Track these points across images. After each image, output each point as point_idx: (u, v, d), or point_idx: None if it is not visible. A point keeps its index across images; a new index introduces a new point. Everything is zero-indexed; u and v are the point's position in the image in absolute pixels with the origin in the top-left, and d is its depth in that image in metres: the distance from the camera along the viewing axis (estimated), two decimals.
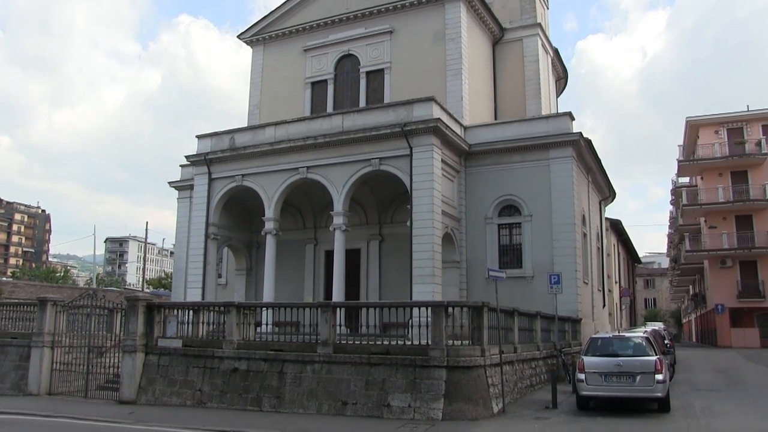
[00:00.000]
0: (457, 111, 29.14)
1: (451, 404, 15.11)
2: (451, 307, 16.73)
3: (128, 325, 20.18)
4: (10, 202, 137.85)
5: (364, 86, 33.52)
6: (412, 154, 25.06)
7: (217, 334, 19.32)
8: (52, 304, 22.96)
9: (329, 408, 16.43)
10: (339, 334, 17.55)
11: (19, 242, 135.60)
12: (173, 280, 38.85)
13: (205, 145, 30.24)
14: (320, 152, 27.04)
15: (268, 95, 36.37)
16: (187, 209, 34.17)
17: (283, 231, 29.20)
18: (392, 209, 29.99)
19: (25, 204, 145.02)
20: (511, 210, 27.81)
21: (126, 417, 16.47)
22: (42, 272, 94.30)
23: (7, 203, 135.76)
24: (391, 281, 28.85)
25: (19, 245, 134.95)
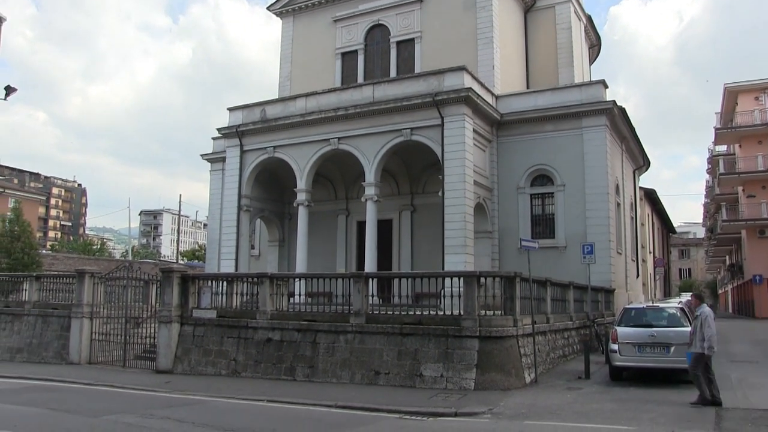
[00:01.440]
0: (489, 80, 28.83)
1: (484, 374, 15.16)
2: (484, 277, 16.69)
3: (163, 296, 20.52)
4: (47, 176, 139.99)
5: (395, 56, 33.28)
6: (444, 124, 24.90)
7: (251, 305, 19.55)
8: (89, 276, 23.41)
9: (362, 378, 16.58)
10: (371, 304, 17.66)
11: (57, 216, 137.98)
12: (207, 251, 39.28)
13: (236, 117, 30.37)
14: (351, 123, 27.00)
15: (298, 67, 36.31)
16: (219, 181, 34.43)
17: (315, 202, 29.32)
18: (424, 179, 29.91)
19: (62, 178, 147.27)
20: (544, 179, 27.58)
21: (163, 386, 16.80)
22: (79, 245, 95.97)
23: (45, 178, 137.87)
24: (423, 251, 28.88)
25: (57, 219, 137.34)
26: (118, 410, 13.11)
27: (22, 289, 26.68)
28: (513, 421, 11.68)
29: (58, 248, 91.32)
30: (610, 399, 13.80)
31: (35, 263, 42.84)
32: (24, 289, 26.36)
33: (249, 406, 13.88)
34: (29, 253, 43.40)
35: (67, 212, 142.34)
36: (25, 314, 25.20)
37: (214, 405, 14.05)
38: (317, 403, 13.79)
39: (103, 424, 11.66)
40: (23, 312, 25.29)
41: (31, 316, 24.95)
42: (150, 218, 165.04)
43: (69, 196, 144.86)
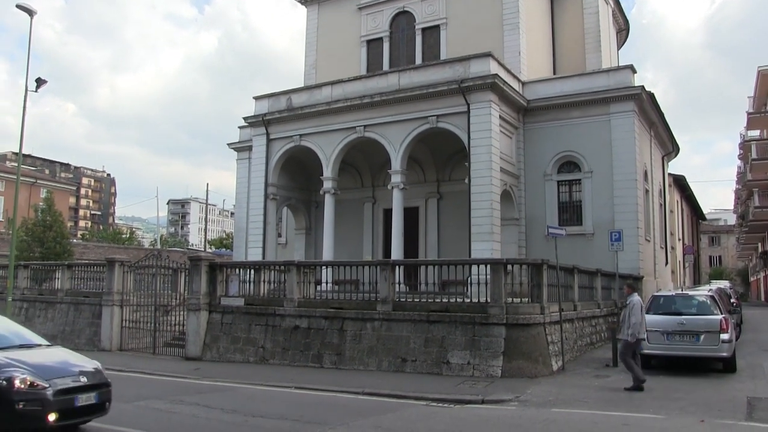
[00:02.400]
0: (515, 66, 28.59)
1: (510, 362, 15.14)
2: (510, 265, 16.65)
3: (192, 284, 20.74)
4: (77, 166, 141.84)
5: (420, 43, 33.12)
6: (470, 111, 24.79)
7: (278, 293, 19.68)
8: (119, 264, 23.73)
9: (389, 365, 16.64)
10: (398, 291, 17.67)
11: (87, 205, 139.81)
12: (234, 240, 39.60)
13: (262, 106, 30.49)
14: (377, 111, 26.98)
15: (323, 55, 36.31)
16: (246, 170, 34.63)
17: (341, 190, 29.38)
18: (450, 167, 29.82)
19: (91, 168, 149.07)
20: (571, 166, 27.36)
21: (192, 372, 17.02)
22: (109, 234, 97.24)
23: (75, 168, 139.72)
24: (450, 239, 28.84)
25: (87, 208, 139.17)
26: (149, 396, 13.32)
27: (55, 277, 27.18)
28: (540, 408, 11.66)
29: (89, 237, 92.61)
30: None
31: (67, 252, 43.47)
32: (57, 278, 26.85)
33: (277, 393, 14.02)
34: (61, 242, 44.04)
35: (97, 202, 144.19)
36: (58, 302, 25.68)
37: (243, 391, 14.21)
38: (344, 390, 13.88)
39: (133, 410, 11.85)
40: (56, 300, 25.77)
41: (64, 303, 25.40)
42: (178, 207, 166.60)
43: (98, 186, 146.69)
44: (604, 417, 10.81)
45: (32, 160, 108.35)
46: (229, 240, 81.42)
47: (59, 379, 8.92)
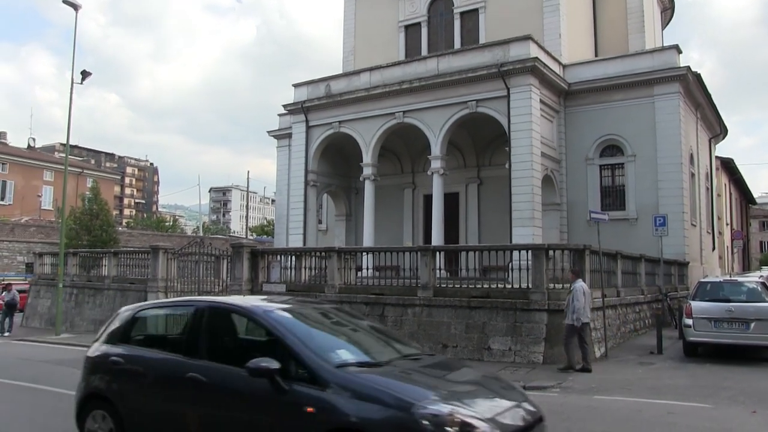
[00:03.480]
0: (555, 49, 28.15)
1: (552, 348, 15.01)
2: (552, 250, 16.49)
3: (234, 270, 20.98)
4: (121, 156, 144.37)
5: (459, 27, 32.81)
6: (510, 95, 24.52)
7: (319, 279, 19.79)
8: (163, 251, 24.12)
9: (430, 351, 16.62)
10: (439, 277, 17.65)
11: (132, 194, 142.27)
12: (275, 226, 39.95)
13: (301, 93, 30.59)
14: (416, 96, 26.86)
15: (361, 41, 36.23)
16: (286, 157, 34.85)
17: (381, 176, 29.38)
18: (490, 152, 29.61)
19: (135, 158, 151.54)
20: (614, 150, 26.92)
21: None
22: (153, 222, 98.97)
23: (119, 158, 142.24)
24: (490, 224, 28.66)
25: (131, 197, 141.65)
26: None
27: (101, 264, 27.81)
28: (582, 395, 11.55)
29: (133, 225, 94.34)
30: (684, 375, 13.47)
31: (112, 240, 44.41)
32: (103, 265, 27.47)
33: None
34: (107, 230, 45.01)
35: (141, 190, 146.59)
36: (105, 288, 26.25)
37: None
38: None
39: None
40: (103, 286, 26.35)
41: (111, 290, 25.95)
42: (219, 195, 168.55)
43: (142, 175, 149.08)
44: (648, 405, 10.64)
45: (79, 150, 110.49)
46: (270, 227, 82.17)
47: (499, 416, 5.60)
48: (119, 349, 7.33)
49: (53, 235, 47.35)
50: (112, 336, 7.67)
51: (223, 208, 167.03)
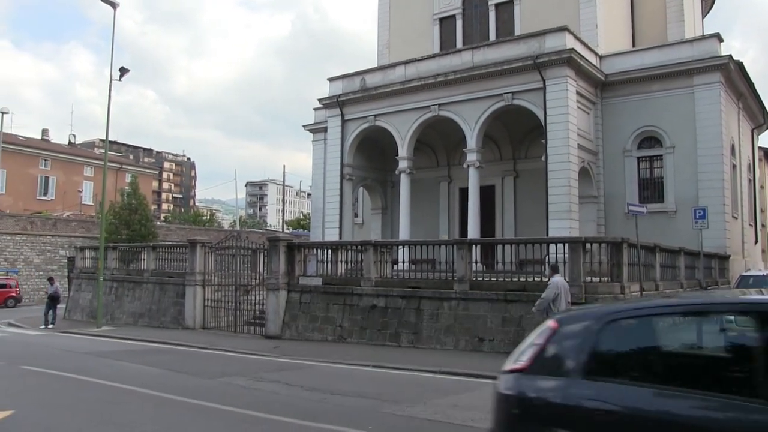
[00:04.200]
0: (592, 39, 27.81)
1: None
2: (589, 243, 16.37)
3: (271, 264, 21.18)
4: (159, 151, 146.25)
5: (494, 19, 32.58)
6: (546, 87, 24.31)
7: (355, 272, 19.90)
8: (201, 245, 24.46)
9: (466, 344, 16.65)
10: (475, 270, 17.64)
11: (169, 189, 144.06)
12: (311, 220, 40.21)
13: (336, 87, 30.69)
14: (451, 89, 26.77)
15: (396, 34, 36.18)
16: (322, 151, 35.00)
17: (416, 169, 29.35)
18: (526, 144, 29.40)
19: (172, 153, 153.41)
20: (652, 142, 26.54)
21: (272, 351, 17.42)
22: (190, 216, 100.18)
23: (157, 153, 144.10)
24: (527, 217, 28.49)
25: (169, 191, 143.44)
26: (231, 373, 13.74)
27: (141, 258, 28.29)
28: None
29: (171, 219, 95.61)
30: None
31: (151, 234, 45.13)
32: (143, 259, 27.94)
33: (355, 371, 14.22)
34: (145, 224, 45.78)
35: (178, 185, 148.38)
36: (144, 282, 26.70)
37: (321, 369, 14.47)
38: (422, 369, 13.96)
39: (217, 386, 12.25)
40: (143, 280, 26.80)
41: (150, 283, 26.39)
42: (256, 189, 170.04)
43: (179, 170, 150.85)
44: None
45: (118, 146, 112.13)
46: (307, 221, 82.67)
47: None
48: (591, 389, 4.32)
49: (94, 230, 48.28)
50: (554, 363, 4.69)
51: (260, 202, 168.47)
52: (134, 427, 8.79)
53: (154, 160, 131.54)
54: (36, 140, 69.49)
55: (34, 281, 47.71)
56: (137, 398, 10.94)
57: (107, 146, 29.18)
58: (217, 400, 10.53)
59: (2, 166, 52.43)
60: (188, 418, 9.46)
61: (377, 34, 37.24)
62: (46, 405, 10.53)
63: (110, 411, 10.05)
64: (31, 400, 10.82)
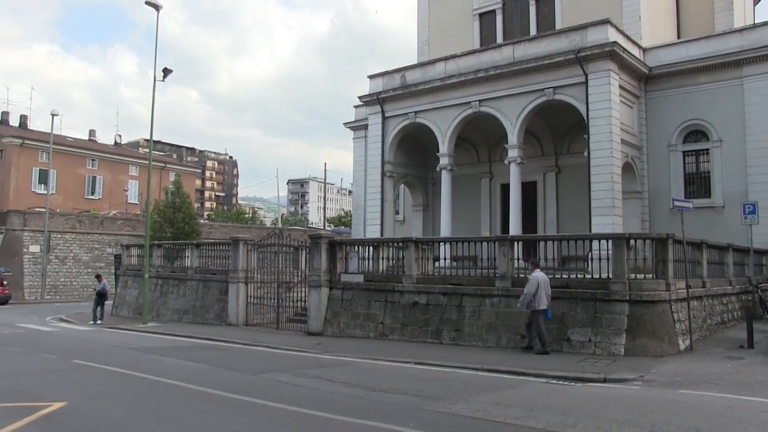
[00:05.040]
0: (635, 32, 27.32)
1: (634, 339, 14.69)
2: (633, 240, 16.11)
3: (312, 261, 21.31)
4: (202, 150, 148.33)
5: (534, 13, 32.24)
6: (588, 82, 23.98)
7: (397, 269, 19.92)
8: (243, 243, 24.72)
9: (508, 341, 16.55)
10: (517, 267, 17.52)
11: (212, 187, 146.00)
12: (352, 217, 40.32)
13: (376, 84, 30.71)
14: (492, 85, 26.58)
15: (436, 30, 36.07)
16: (362, 148, 35.09)
17: (457, 166, 29.23)
18: (568, 140, 29.05)
19: (214, 152, 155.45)
20: (698, 135, 25.99)
21: (314, 347, 17.54)
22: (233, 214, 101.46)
23: (200, 152, 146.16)
24: (569, 214, 28.17)
25: (212, 190, 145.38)
26: (274, 369, 13.87)
27: (185, 256, 28.71)
28: (666, 389, 11.25)
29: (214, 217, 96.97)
30: None
31: (195, 232, 45.80)
32: (186, 256, 28.35)
33: (396, 368, 14.24)
34: (189, 222, 46.47)
35: (221, 183, 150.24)
36: (188, 279, 27.10)
37: (363, 366, 14.52)
38: (463, 366, 13.93)
39: (260, 381, 12.39)
40: (187, 277, 27.21)
41: (194, 280, 26.78)
42: (297, 187, 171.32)
43: (222, 168, 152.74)
44: (738, 401, 10.26)
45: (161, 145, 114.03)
46: (348, 218, 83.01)
47: None
48: None
49: (139, 228, 49.21)
50: None
51: (301, 200, 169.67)
52: (179, 421, 8.95)
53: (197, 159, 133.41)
54: (83, 141, 71.00)
55: (82, 278, 48.86)
56: (182, 393, 11.12)
57: (151, 146, 29.68)
58: (260, 395, 10.64)
59: (53, 167, 53.70)
60: (232, 413, 9.57)
61: (417, 30, 37.17)
62: (96, 397, 10.80)
63: (156, 405, 10.23)
64: (82, 393, 11.12)
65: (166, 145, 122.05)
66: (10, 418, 8.91)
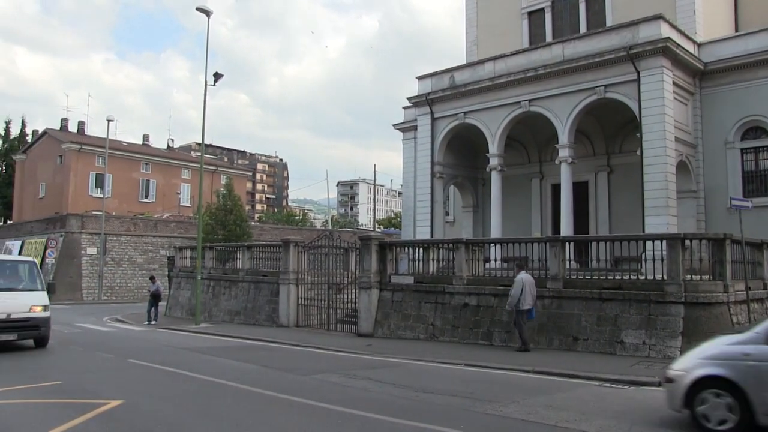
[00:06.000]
0: (689, 26, 26.67)
1: (690, 342, 14.31)
2: (689, 240, 15.75)
3: (363, 263, 21.38)
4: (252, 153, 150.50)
5: (584, 11, 31.76)
6: (640, 79, 23.50)
7: (447, 271, 19.86)
8: (294, 245, 24.95)
9: (560, 343, 16.35)
10: (568, 268, 17.35)
11: (263, 189, 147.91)
12: (402, 219, 40.31)
13: (425, 85, 30.65)
14: (541, 84, 26.28)
15: (484, 30, 35.84)
16: (412, 150, 35.05)
17: (507, 166, 28.97)
18: (620, 138, 28.52)
19: (265, 154, 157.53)
20: (757, 132, 25.22)
21: (364, 348, 17.59)
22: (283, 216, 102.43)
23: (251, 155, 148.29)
24: (621, 214, 27.68)
25: (262, 192, 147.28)
26: (324, 370, 13.95)
27: (236, 257, 29.11)
28: None
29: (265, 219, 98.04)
30: None
31: (246, 234, 46.32)
32: (238, 258, 28.75)
33: (447, 370, 14.19)
34: (240, 224, 47.03)
35: (271, 186, 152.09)
36: (240, 281, 27.46)
37: (413, 368, 14.51)
38: (514, 368, 13.81)
39: (311, 382, 12.47)
40: (238, 278, 27.57)
41: (245, 282, 27.11)
42: (347, 188, 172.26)
43: (272, 171, 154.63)
44: None
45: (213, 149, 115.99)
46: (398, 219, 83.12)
47: None
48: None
49: (191, 230, 50.02)
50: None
51: (351, 202, 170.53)
52: (232, 419, 9.07)
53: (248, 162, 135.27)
54: (138, 145, 72.60)
55: (137, 279, 49.90)
56: (234, 393, 11.27)
57: (203, 150, 30.20)
58: (310, 396, 10.72)
59: (108, 171, 55.02)
60: (282, 413, 9.66)
61: (465, 30, 36.98)
62: (152, 396, 11.04)
63: (209, 403, 10.39)
64: (138, 391, 11.37)
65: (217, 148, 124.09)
66: (72, 415, 9.19)
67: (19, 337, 17.01)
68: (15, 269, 18.65)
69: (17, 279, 18.15)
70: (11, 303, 16.66)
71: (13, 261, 20.38)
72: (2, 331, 16.40)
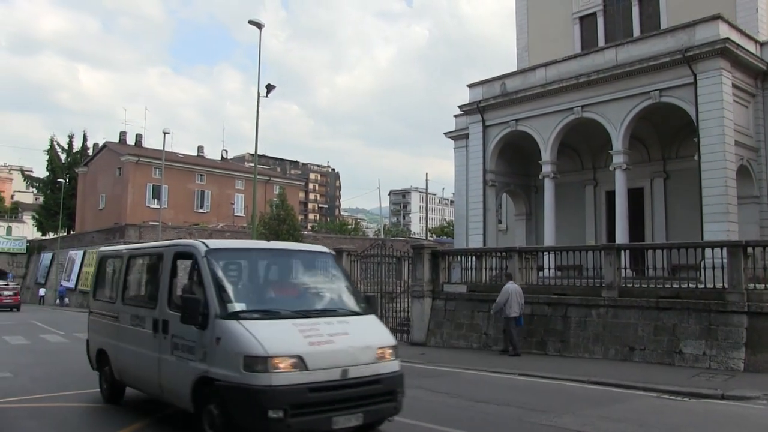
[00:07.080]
0: (751, 25, 25.90)
1: (755, 354, 13.88)
2: (751, 247, 15.25)
3: (415, 272, 21.36)
4: (305, 163, 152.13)
5: (637, 13, 31.22)
6: (697, 82, 22.92)
7: (500, 279, 19.67)
8: (347, 254, 25.07)
9: (616, 353, 16.02)
10: (624, 277, 17.01)
11: (315, 199, 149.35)
12: (454, 227, 40.18)
13: (476, 93, 30.51)
14: (594, 89, 25.88)
15: (535, 36, 35.53)
16: (463, 158, 34.91)
17: (560, 173, 28.61)
18: (677, 143, 27.88)
19: (317, 164, 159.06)
20: None
21: (418, 357, 17.53)
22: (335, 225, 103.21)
23: (303, 165, 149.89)
24: (679, 220, 27.03)
25: (315, 202, 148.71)
26: None
27: None
28: None
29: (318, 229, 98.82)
30: None
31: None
32: None
33: (500, 379, 14.05)
34: (293, 234, 47.47)
35: (324, 195, 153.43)
36: None
37: (466, 377, 14.40)
38: (569, 378, 13.59)
39: None
40: None
41: None
42: (399, 197, 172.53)
43: (324, 180, 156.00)
44: None
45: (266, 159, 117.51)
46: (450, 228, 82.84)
47: None
48: None
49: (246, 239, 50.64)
50: None
51: (403, 210, 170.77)
52: None
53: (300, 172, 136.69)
54: (192, 157, 74.04)
55: None
56: None
57: (256, 160, 30.60)
58: None
59: (165, 182, 56.25)
60: None
61: (516, 37, 36.75)
62: None
63: None
64: None
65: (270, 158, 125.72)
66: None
67: (366, 420, 7.83)
68: (311, 266, 9.93)
69: (325, 288, 9.61)
70: (343, 344, 7.97)
71: (304, 252, 10.33)
72: (339, 407, 7.52)
